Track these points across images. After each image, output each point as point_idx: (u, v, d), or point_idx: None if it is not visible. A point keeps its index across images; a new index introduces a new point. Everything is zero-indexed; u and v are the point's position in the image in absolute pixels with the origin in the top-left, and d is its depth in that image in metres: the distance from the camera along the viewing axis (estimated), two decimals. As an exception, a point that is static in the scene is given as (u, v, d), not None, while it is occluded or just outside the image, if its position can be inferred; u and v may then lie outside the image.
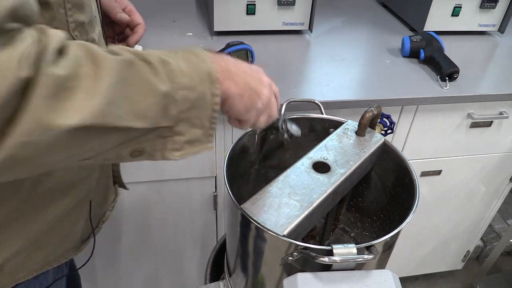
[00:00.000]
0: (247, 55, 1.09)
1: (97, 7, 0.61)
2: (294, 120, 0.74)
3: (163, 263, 1.36)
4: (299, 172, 0.64)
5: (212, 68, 0.48)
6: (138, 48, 1.17)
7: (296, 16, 1.26)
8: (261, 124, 0.57)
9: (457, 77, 1.13)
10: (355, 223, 0.84)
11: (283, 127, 0.69)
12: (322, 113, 0.79)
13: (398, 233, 0.57)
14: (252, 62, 1.10)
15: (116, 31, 0.80)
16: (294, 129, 0.70)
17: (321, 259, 0.52)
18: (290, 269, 0.57)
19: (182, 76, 0.44)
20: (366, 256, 0.52)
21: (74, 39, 0.50)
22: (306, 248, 0.53)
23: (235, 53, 1.07)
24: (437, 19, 1.33)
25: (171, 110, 0.44)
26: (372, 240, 0.55)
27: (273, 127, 0.68)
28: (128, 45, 0.77)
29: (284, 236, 0.54)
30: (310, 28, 1.28)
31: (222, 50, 1.06)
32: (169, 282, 1.42)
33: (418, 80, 1.14)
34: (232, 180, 0.64)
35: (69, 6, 0.49)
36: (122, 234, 1.24)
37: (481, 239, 1.88)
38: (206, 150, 0.50)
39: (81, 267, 0.80)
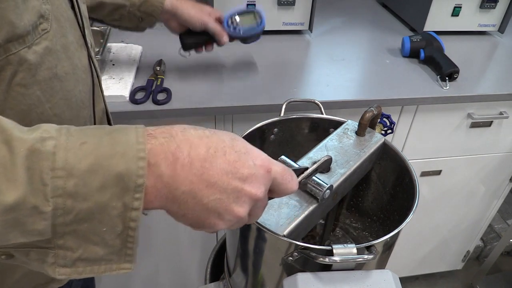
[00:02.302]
0: (254, 17, 0.95)
1: (78, 14, 0.55)
2: (294, 121, 0.73)
3: (163, 263, 1.35)
4: (299, 172, 0.64)
5: (130, 168, 0.32)
6: (138, 48, 1.16)
7: (296, 16, 1.26)
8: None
9: (457, 77, 1.13)
10: (355, 223, 0.84)
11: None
12: (322, 113, 0.80)
13: (398, 233, 0.57)
14: (261, 24, 0.96)
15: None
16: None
17: (321, 259, 0.52)
18: (290, 269, 0.57)
19: (66, 176, 0.31)
20: (366, 256, 0.52)
21: None
22: (306, 248, 0.53)
23: (241, 15, 0.94)
24: (437, 19, 1.33)
25: (34, 224, 0.31)
26: (372, 240, 0.55)
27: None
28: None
29: (284, 236, 0.54)
30: (310, 28, 1.28)
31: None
32: (169, 282, 1.42)
33: (418, 80, 1.14)
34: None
35: None
36: (122, 234, 1.23)
37: (481, 239, 1.88)
38: (122, 272, 0.38)
39: None
